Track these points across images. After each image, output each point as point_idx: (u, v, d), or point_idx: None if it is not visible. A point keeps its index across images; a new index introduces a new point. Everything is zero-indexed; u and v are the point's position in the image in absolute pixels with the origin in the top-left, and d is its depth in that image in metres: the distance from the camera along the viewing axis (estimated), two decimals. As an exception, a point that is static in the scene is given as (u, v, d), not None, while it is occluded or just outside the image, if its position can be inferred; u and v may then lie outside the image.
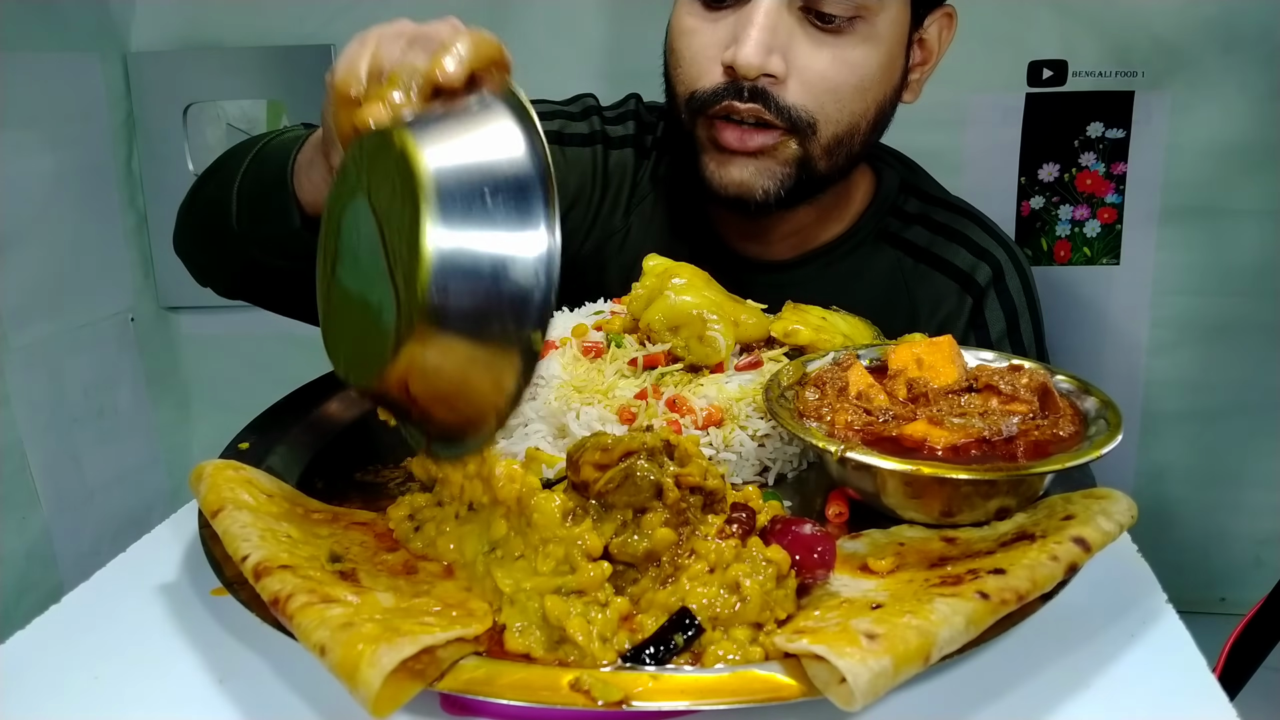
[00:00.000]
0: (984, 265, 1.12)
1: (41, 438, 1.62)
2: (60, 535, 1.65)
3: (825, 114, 0.98)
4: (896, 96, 1.04)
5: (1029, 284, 1.16)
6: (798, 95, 0.97)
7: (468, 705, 0.52)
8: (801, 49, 0.96)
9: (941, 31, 1.06)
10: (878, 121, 1.03)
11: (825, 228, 1.14)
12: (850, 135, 1.01)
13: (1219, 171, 1.75)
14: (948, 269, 1.12)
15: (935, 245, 1.13)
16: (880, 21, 0.97)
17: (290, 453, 0.79)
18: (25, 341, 1.59)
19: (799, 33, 0.96)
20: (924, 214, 1.15)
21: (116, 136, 1.81)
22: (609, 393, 0.79)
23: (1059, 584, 0.55)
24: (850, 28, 0.96)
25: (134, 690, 0.56)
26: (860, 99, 0.99)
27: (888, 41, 0.99)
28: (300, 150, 0.84)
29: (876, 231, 1.14)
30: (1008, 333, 1.13)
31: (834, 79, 0.97)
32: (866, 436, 0.68)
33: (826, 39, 0.96)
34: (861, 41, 0.97)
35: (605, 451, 0.58)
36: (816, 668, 0.48)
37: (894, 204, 1.15)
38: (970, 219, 1.16)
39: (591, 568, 0.54)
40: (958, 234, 1.14)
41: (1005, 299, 1.13)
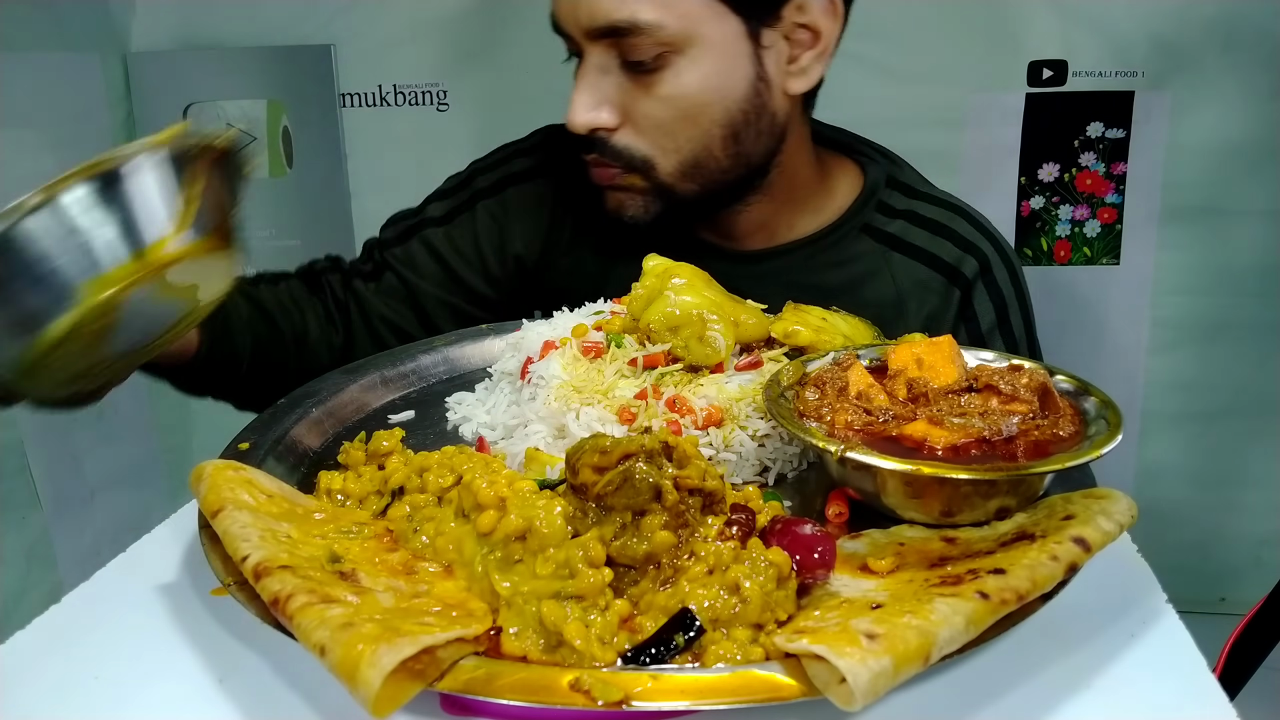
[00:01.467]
0: (970, 258, 1.13)
1: (41, 438, 1.62)
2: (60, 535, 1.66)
3: (660, 149, 1.05)
4: (755, 101, 1.05)
5: (1017, 277, 1.17)
6: (629, 139, 1.04)
7: (468, 705, 0.52)
8: (629, 95, 1.03)
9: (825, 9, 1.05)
10: (733, 134, 1.05)
11: (799, 219, 1.16)
12: (703, 157, 1.05)
13: (1219, 171, 1.75)
14: (934, 262, 1.13)
15: (921, 239, 1.14)
16: (694, 49, 1.00)
17: (290, 453, 0.79)
18: (25, 341, 1.59)
19: (625, 81, 1.03)
20: (910, 209, 1.16)
21: (116, 136, 1.82)
22: (609, 393, 0.79)
23: (1059, 584, 0.55)
24: (662, 64, 1.00)
25: (134, 690, 0.56)
26: (692, 126, 1.04)
27: (710, 63, 1.01)
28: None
29: (862, 226, 1.16)
30: (998, 324, 1.14)
31: (659, 117, 1.03)
32: (866, 436, 0.68)
33: (645, 81, 1.02)
34: (675, 76, 1.01)
35: (604, 454, 0.58)
36: (816, 668, 0.48)
37: (879, 199, 1.17)
38: (957, 213, 1.17)
39: (592, 573, 0.53)
40: (944, 228, 1.15)
41: (994, 291, 1.14)
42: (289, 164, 1.88)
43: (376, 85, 1.89)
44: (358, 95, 1.89)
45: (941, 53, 1.74)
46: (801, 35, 1.06)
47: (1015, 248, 1.85)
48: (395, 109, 1.89)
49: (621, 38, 0.99)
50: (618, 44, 1.00)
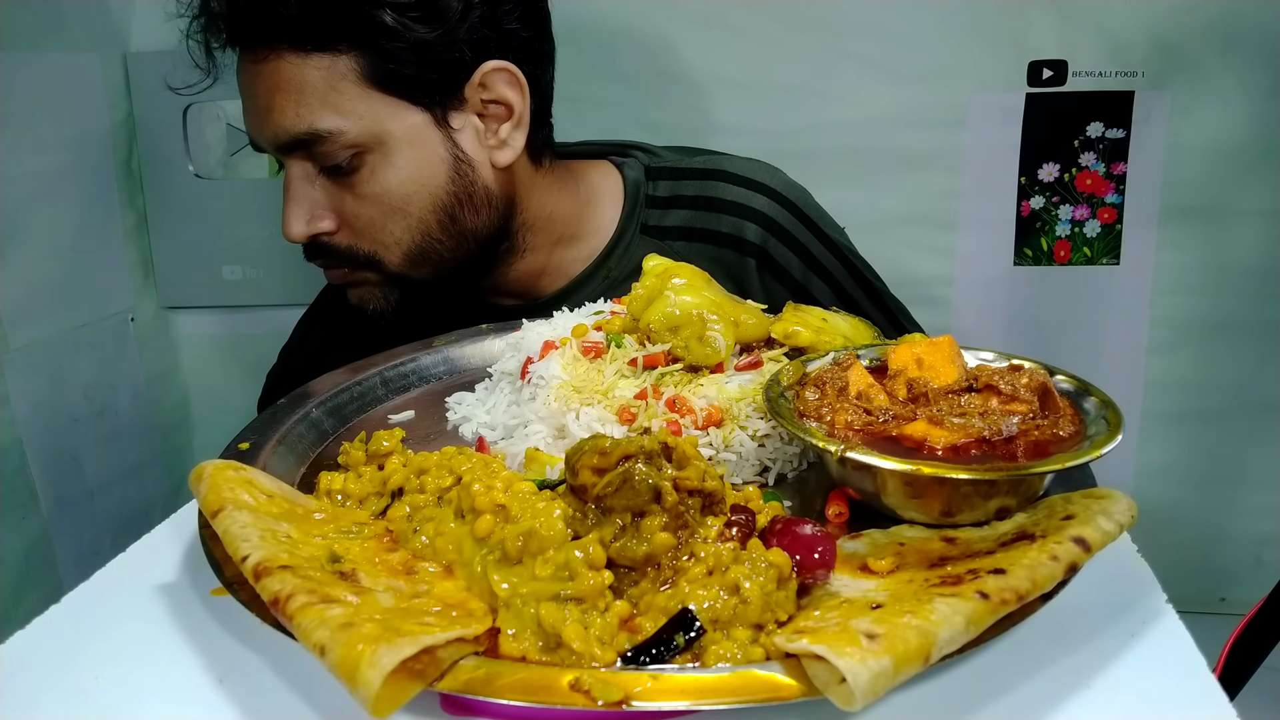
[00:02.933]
0: (749, 224, 1.15)
1: (41, 438, 1.62)
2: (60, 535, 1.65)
3: (380, 243, 1.07)
4: (463, 180, 1.07)
5: (803, 213, 1.17)
6: (349, 239, 1.07)
7: (468, 705, 0.52)
8: (336, 199, 1.06)
9: (510, 83, 1.08)
10: (449, 216, 1.07)
11: (577, 249, 1.18)
12: (425, 242, 1.08)
13: (1219, 171, 1.75)
14: (716, 238, 1.15)
15: (697, 220, 1.16)
16: (384, 145, 1.03)
17: (290, 453, 0.79)
18: (25, 341, 1.59)
19: (329, 187, 1.05)
20: (675, 194, 1.18)
21: (116, 136, 1.81)
22: (609, 393, 0.79)
23: (1059, 584, 0.55)
24: (358, 165, 1.03)
25: (134, 690, 0.56)
26: (403, 217, 1.06)
27: (403, 155, 1.04)
28: None
29: (639, 229, 1.17)
30: (807, 266, 1.16)
31: (368, 215, 1.05)
32: (866, 436, 0.68)
33: (346, 182, 1.04)
34: (373, 173, 1.04)
35: (603, 455, 0.58)
36: (816, 668, 0.48)
37: (646, 194, 1.18)
38: (718, 178, 1.18)
39: (592, 576, 0.53)
40: (712, 200, 1.16)
41: (788, 239, 1.16)
42: (289, 164, 1.88)
43: (376, 85, 1.89)
44: (358, 95, 1.89)
45: (941, 53, 1.74)
46: (495, 109, 1.08)
47: (1015, 248, 1.85)
48: (395, 109, 1.89)
49: (311, 148, 1.02)
50: (310, 154, 1.03)
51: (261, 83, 1.02)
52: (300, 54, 1.00)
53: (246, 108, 1.07)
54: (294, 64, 1.00)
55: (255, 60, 1.02)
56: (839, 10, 1.73)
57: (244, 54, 1.04)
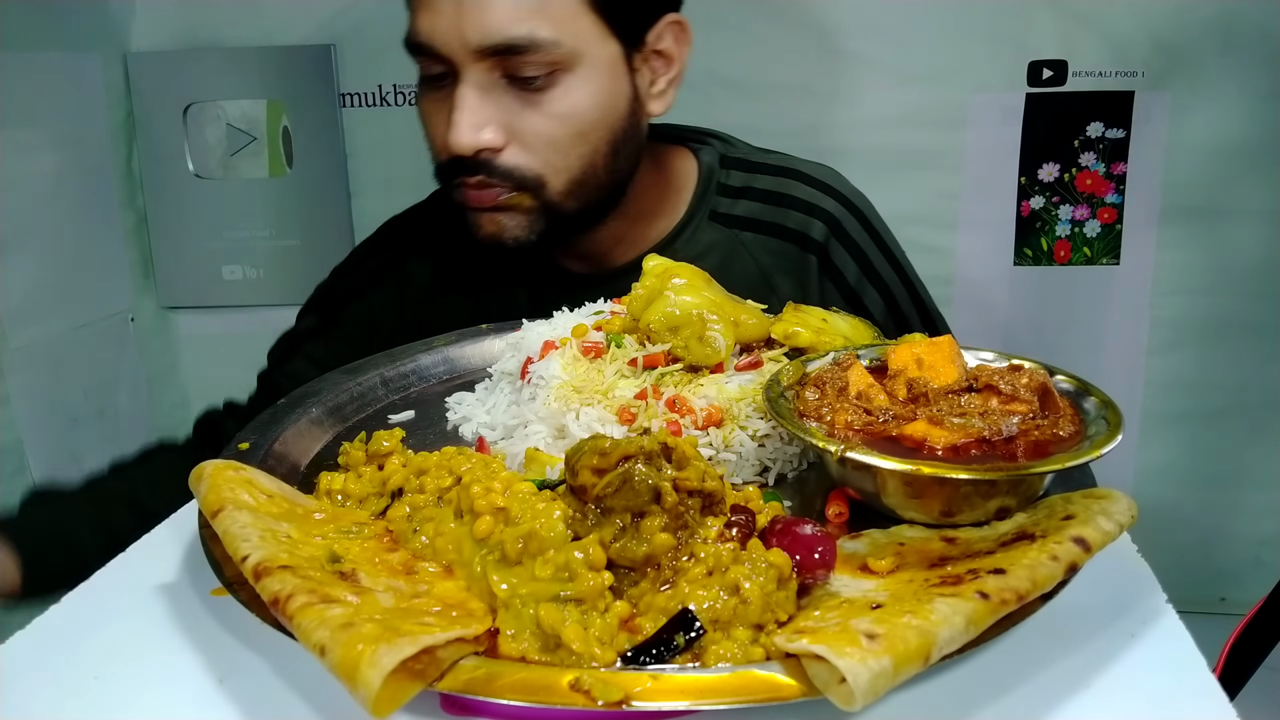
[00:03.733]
0: (815, 221, 1.16)
1: (41, 438, 1.62)
2: (60, 535, 1.65)
3: (552, 166, 1.05)
4: (632, 119, 1.08)
5: (868, 221, 1.20)
6: (519, 157, 1.04)
7: (468, 705, 0.52)
8: (515, 114, 1.02)
9: (676, 38, 1.10)
10: (615, 150, 1.07)
11: (653, 225, 1.18)
12: (589, 174, 1.07)
13: (1219, 171, 1.75)
14: (783, 233, 1.16)
15: (765, 214, 1.17)
16: (583, 67, 1.02)
17: (290, 453, 0.79)
18: (25, 341, 1.59)
19: (508, 99, 1.02)
20: (749, 185, 1.19)
21: (116, 136, 1.82)
22: (609, 393, 0.79)
23: (1059, 584, 0.55)
24: (553, 82, 1.01)
25: (134, 690, 0.56)
26: (583, 143, 1.05)
27: (597, 81, 1.03)
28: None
29: (709, 214, 1.18)
30: (863, 274, 1.17)
31: (550, 134, 1.03)
32: (866, 436, 0.67)
33: (534, 99, 1.02)
34: (567, 92, 1.02)
35: (603, 455, 0.58)
36: (816, 668, 0.48)
37: (719, 182, 1.19)
38: (792, 176, 1.19)
39: (592, 577, 0.53)
40: (784, 196, 1.18)
41: (849, 244, 1.17)
42: (289, 164, 1.88)
43: (376, 85, 1.89)
44: (358, 95, 1.89)
45: (941, 53, 1.74)
46: (657, 62, 1.10)
47: (1015, 248, 1.85)
48: (395, 109, 1.89)
49: (512, 55, 0.99)
50: (505, 62, 1.00)
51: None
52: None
53: (437, 4, 1.02)
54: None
55: None
56: (839, 10, 1.74)
57: None
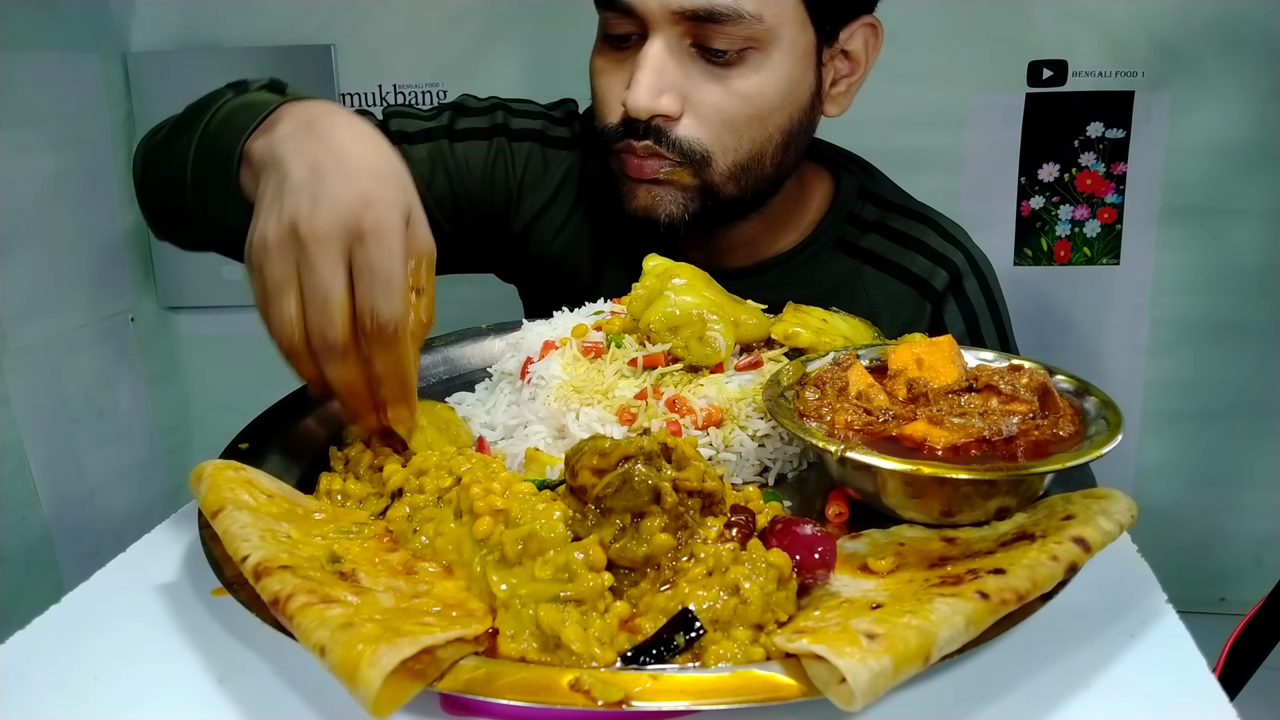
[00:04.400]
0: (940, 271, 1.14)
1: (41, 438, 1.62)
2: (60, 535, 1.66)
3: (721, 145, 1.01)
4: (809, 114, 1.06)
5: (988, 286, 1.17)
6: (691, 129, 1.00)
7: (468, 705, 0.52)
8: (696, 84, 0.99)
9: (867, 41, 1.07)
10: (787, 142, 1.05)
11: (780, 236, 1.16)
12: (755, 161, 1.04)
13: (1219, 171, 1.75)
14: (905, 275, 1.14)
15: (892, 253, 1.15)
16: (775, 49, 0.99)
17: (290, 453, 0.79)
18: (25, 341, 1.59)
19: (692, 69, 0.99)
20: (881, 221, 1.17)
21: (116, 136, 1.82)
22: (609, 393, 0.79)
23: (1059, 584, 0.55)
24: (742, 59, 0.98)
25: (134, 690, 0.56)
26: (759, 127, 1.02)
27: (786, 66, 1.00)
28: (251, 137, 0.80)
29: (834, 240, 1.16)
30: (968, 334, 1.14)
31: (728, 111, 1.00)
32: (866, 436, 0.67)
33: (719, 73, 0.99)
34: (754, 71, 0.99)
35: (603, 456, 0.58)
36: (816, 668, 0.48)
37: (851, 211, 1.17)
38: (928, 224, 1.17)
39: (592, 577, 0.53)
40: (915, 241, 1.15)
41: (963, 302, 1.15)
42: (289, 164, 1.88)
43: (376, 85, 1.89)
44: (358, 95, 1.89)
45: (941, 53, 1.75)
46: (842, 63, 1.07)
47: (1015, 248, 1.85)
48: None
49: (712, 23, 0.95)
50: (699, 29, 0.96)
51: None
52: None
53: None
54: None
55: None
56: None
57: None
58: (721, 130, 1.00)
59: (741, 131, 1.01)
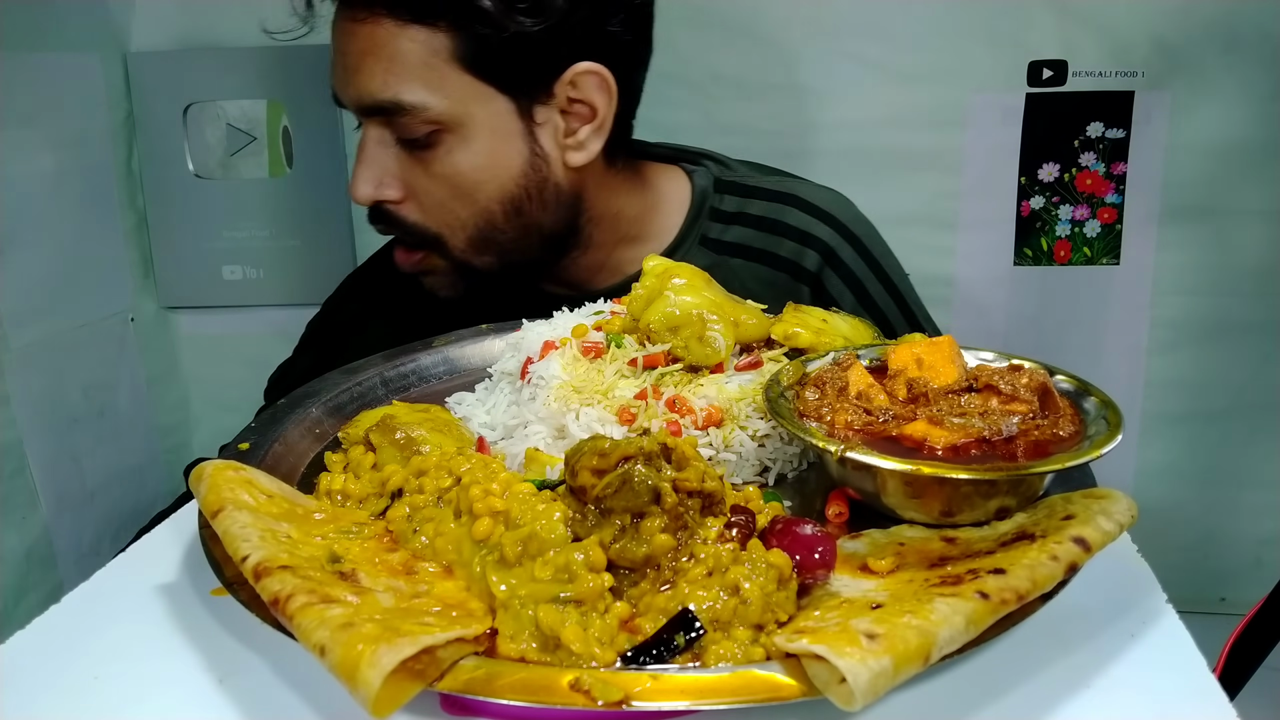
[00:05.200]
0: (809, 251, 1.15)
1: (41, 438, 1.62)
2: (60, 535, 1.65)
3: (446, 224, 1.06)
4: (535, 175, 1.07)
5: (867, 249, 1.18)
6: (414, 213, 1.07)
7: (468, 705, 0.52)
8: (407, 170, 1.05)
9: (599, 87, 1.07)
10: (515, 209, 1.07)
11: (640, 248, 1.17)
12: (488, 231, 1.07)
13: (1219, 171, 1.75)
14: (775, 261, 1.15)
15: (757, 241, 1.16)
16: (465, 128, 1.02)
17: (290, 453, 0.79)
18: (25, 341, 1.59)
19: (402, 156, 1.05)
20: (742, 210, 1.18)
21: (116, 136, 1.81)
22: (609, 393, 0.79)
23: (1059, 584, 0.55)
24: (436, 141, 1.02)
25: (134, 690, 0.56)
26: (470, 202, 1.06)
27: (480, 140, 1.04)
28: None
29: (699, 240, 1.16)
30: (858, 301, 1.16)
31: (435, 194, 1.05)
32: (866, 436, 0.68)
33: (421, 156, 1.04)
34: (448, 153, 1.03)
35: (603, 456, 0.58)
36: (816, 668, 0.48)
37: (711, 206, 1.18)
38: (788, 202, 1.17)
39: (592, 578, 0.53)
40: (777, 224, 1.16)
41: (844, 272, 1.16)
42: (289, 164, 1.88)
43: (376, 85, 1.89)
44: (358, 95, 1.89)
45: (941, 53, 1.74)
46: (579, 108, 1.07)
47: (1015, 248, 1.85)
48: (395, 109, 1.89)
49: (392, 116, 1.01)
50: (390, 122, 1.02)
51: (355, 42, 1.02)
52: (399, 23, 0.99)
53: (335, 62, 1.06)
54: (391, 31, 1.00)
55: (353, 19, 1.02)
56: (839, 10, 1.73)
57: (342, 9, 1.04)
58: (439, 211, 1.06)
59: (457, 208, 1.06)
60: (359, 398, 0.90)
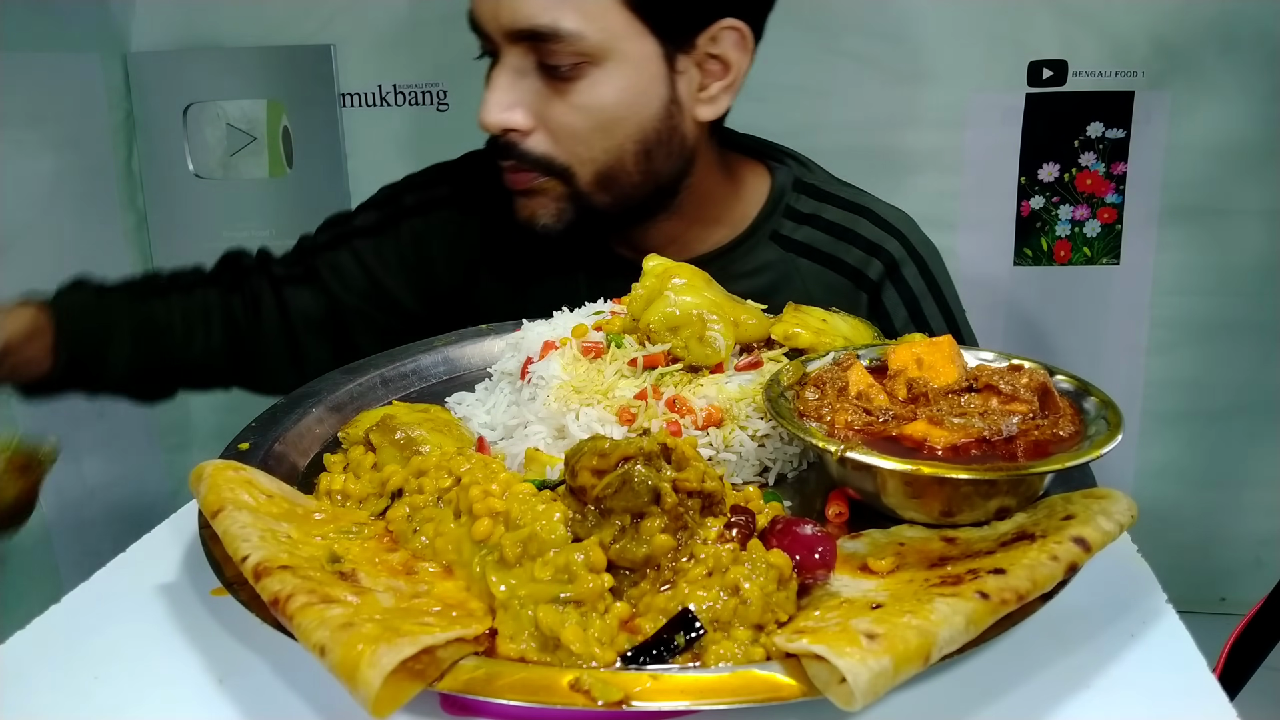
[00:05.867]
0: (875, 260, 1.15)
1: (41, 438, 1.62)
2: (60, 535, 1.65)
3: (576, 156, 1.05)
4: (667, 121, 1.07)
5: (928, 269, 1.18)
6: (544, 145, 1.05)
7: (468, 705, 0.52)
8: (544, 101, 1.04)
9: (737, 44, 1.08)
10: (646, 150, 1.07)
11: (712, 232, 1.18)
12: (616, 169, 1.07)
13: (1219, 171, 1.75)
14: (840, 267, 1.16)
15: (826, 245, 1.16)
16: (610, 62, 1.02)
17: (290, 453, 0.79)
18: (25, 341, 1.59)
19: (540, 86, 1.03)
20: (817, 213, 1.18)
21: (116, 136, 1.82)
22: (609, 393, 0.79)
23: (1059, 584, 0.55)
24: (579, 73, 1.02)
25: (134, 690, 0.56)
26: (607, 137, 1.05)
27: (625, 78, 1.03)
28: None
29: (770, 234, 1.17)
30: (911, 319, 1.16)
31: (572, 125, 1.04)
32: (866, 436, 0.67)
33: (561, 88, 1.03)
34: (592, 86, 1.02)
35: (603, 456, 0.58)
36: (816, 668, 0.48)
37: (787, 204, 1.18)
38: (862, 213, 1.18)
39: (592, 579, 0.53)
40: (849, 232, 1.17)
41: (902, 288, 1.16)
42: (289, 164, 1.88)
43: (376, 85, 1.89)
44: (358, 95, 1.89)
45: (941, 53, 1.75)
46: (713, 66, 1.08)
47: (1015, 248, 1.85)
48: (395, 109, 1.89)
49: (541, 42, 1.00)
50: (536, 48, 1.01)
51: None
52: None
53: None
54: None
55: None
56: (839, 10, 1.74)
57: None
58: (572, 143, 1.05)
59: (591, 143, 1.05)
60: (359, 397, 0.90)
